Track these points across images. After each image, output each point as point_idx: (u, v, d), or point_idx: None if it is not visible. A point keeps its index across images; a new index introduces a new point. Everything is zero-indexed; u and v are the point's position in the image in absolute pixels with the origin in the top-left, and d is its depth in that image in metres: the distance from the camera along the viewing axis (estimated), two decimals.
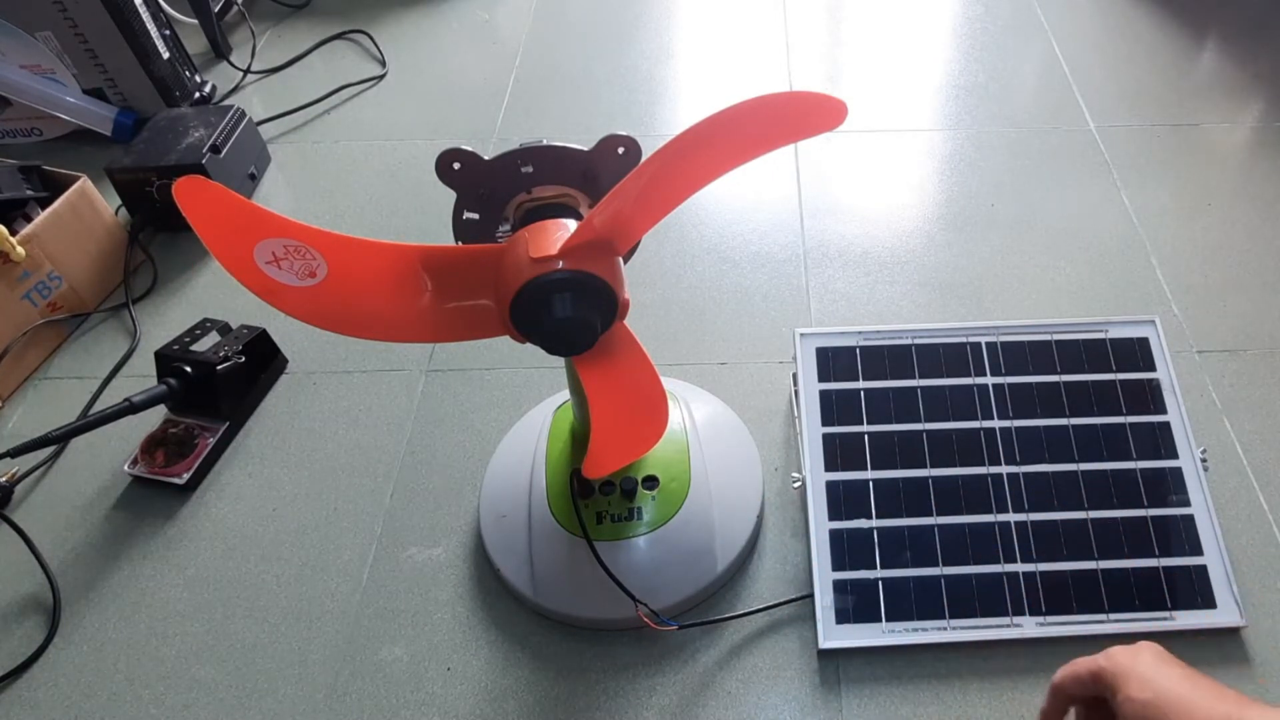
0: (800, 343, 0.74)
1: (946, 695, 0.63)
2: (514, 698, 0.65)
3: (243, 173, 1.05)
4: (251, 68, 1.25)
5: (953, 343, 0.73)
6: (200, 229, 0.47)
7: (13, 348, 0.86)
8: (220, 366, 0.79)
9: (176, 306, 0.95)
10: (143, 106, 1.14)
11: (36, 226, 0.87)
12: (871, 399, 0.71)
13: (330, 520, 0.76)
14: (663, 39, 1.28)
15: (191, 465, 0.78)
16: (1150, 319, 0.74)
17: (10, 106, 1.11)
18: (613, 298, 0.51)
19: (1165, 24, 1.24)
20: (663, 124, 1.14)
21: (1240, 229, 0.95)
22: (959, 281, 0.92)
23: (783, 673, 0.65)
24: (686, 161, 0.47)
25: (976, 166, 1.05)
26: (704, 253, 0.97)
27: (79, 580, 0.73)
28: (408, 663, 0.67)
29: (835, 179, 1.04)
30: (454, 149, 0.54)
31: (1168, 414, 0.70)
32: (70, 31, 1.07)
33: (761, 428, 0.79)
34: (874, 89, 1.17)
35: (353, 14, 1.35)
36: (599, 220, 0.49)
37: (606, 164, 0.56)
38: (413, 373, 0.87)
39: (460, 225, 0.58)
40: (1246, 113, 1.09)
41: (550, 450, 0.73)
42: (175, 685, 0.66)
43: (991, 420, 0.70)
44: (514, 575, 0.68)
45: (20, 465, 0.79)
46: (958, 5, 1.31)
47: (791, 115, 0.48)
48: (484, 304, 0.54)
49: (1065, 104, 1.12)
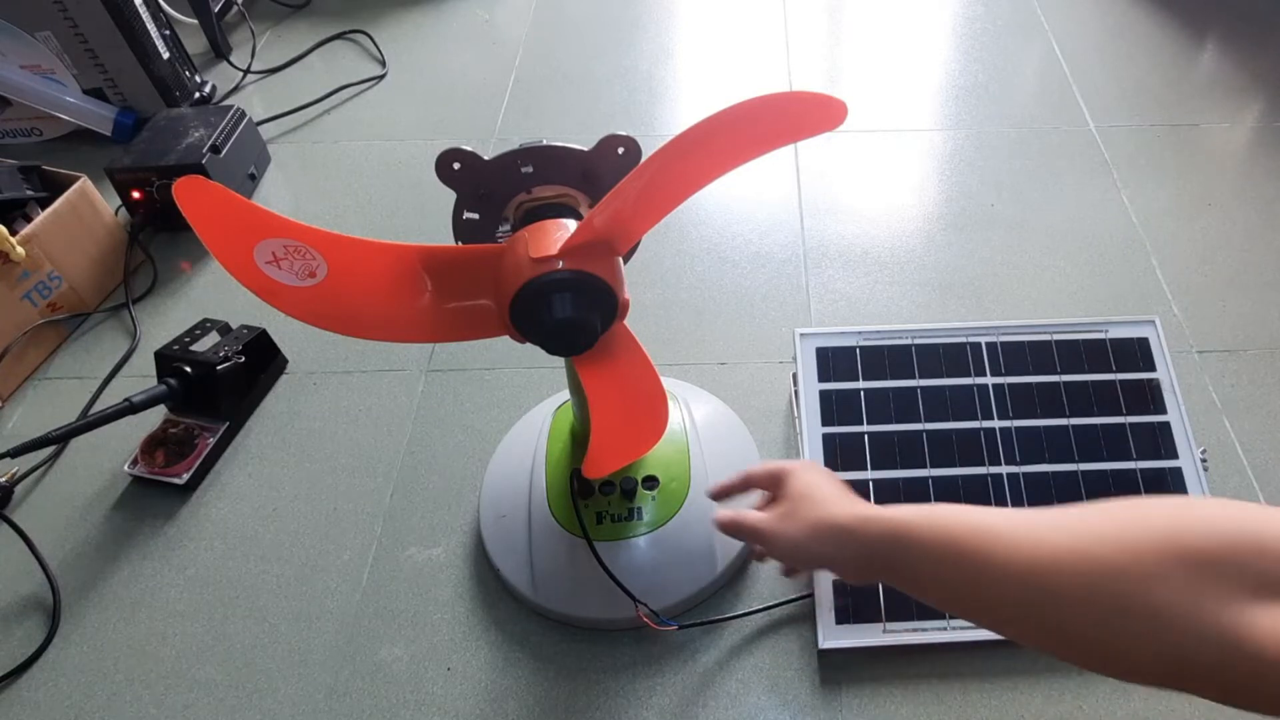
0: (800, 343, 0.74)
1: (946, 695, 0.63)
2: (514, 698, 0.65)
3: (243, 173, 1.05)
4: (251, 68, 1.25)
5: (953, 343, 0.73)
6: (200, 229, 0.47)
7: (13, 348, 0.86)
8: (220, 366, 0.79)
9: (176, 306, 0.95)
10: (143, 106, 1.14)
11: (36, 226, 0.87)
12: (871, 399, 0.71)
13: (330, 520, 0.76)
14: (663, 39, 1.28)
15: (191, 465, 0.78)
16: (1150, 319, 0.74)
17: (10, 106, 1.11)
18: (613, 298, 0.51)
19: (1165, 24, 1.24)
20: (663, 124, 1.14)
21: (1240, 229, 0.95)
22: (959, 281, 0.92)
23: (783, 673, 0.65)
24: (686, 161, 0.47)
25: (976, 166, 1.05)
26: (704, 253, 0.97)
27: (79, 580, 0.73)
28: (408, 663, 0.67)
29: (835, 179, 1.04)
30: (454, 149, 0.54)
31: (1168, 414, 0.70)
32: (70, 31, 1.07)
33: (761, 428, 0.79)
34: (874, 89, 1.17)
35: (353, 14, 1.35)
36: (599, 220, 0.49)
37: (606, 164, 0.56)
38: (413, 373, 0.87)
39: (460, 225, 0.58)
40: (1246, 113, 1.09)
41: (550, 450, 0.73)
42: (175, 685, 0.66)
43: (991, 420, 0.70)
44: (514, 575, 0.68)
45: (20, 465, 0.79)
46: (958, 5, 1.31)
47: (791, 115, 0.48)
48: (484, 304, 0.54)
49: (1065, 104, 1.12)
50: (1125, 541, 0.36)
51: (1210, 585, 0.33)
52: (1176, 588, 0.33)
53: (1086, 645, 0.37)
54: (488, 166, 0.55)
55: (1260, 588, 0.32)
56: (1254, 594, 0.32)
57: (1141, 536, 0.35)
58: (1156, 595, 0.34)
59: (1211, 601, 0.32)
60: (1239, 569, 0.33)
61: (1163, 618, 0.34)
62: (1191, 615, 0.33)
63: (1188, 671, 0.34)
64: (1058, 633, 0.38)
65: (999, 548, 0.39)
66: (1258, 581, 0.32)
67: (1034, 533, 0.39)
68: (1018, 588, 0.38)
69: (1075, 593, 0.36)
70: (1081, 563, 0.36)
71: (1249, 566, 0.32)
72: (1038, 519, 0.39)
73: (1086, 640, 0.37)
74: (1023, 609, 0.39)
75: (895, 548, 0.45)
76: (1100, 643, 0.36)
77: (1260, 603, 0.32)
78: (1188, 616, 0.33)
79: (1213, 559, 0.33)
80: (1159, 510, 0.36)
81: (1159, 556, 0.34)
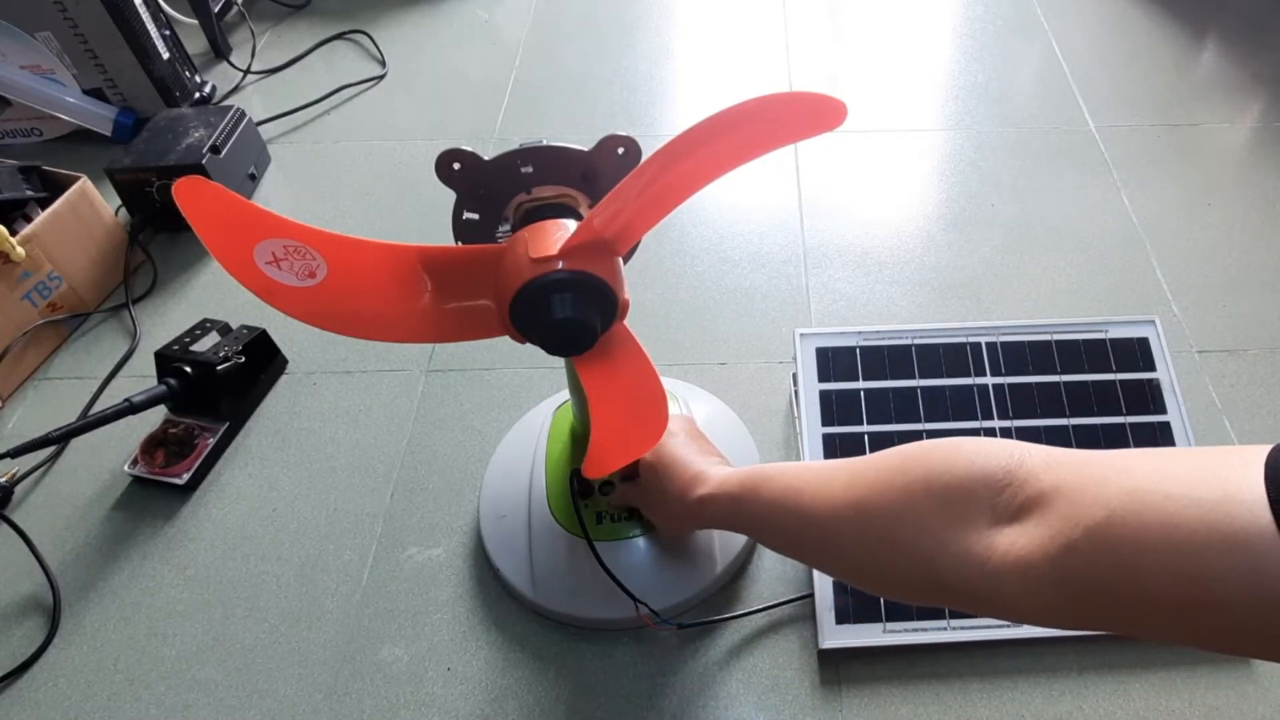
0: (800, 343, 0.74)
1: (946, 695, 0.63)
2: (514, 698, 0.65)
3: (243, 173, 1.05)
4: (251, 68, 1.25)
5: (953, 343, 0.73)
6: (200, 229, 0.47)
7: (13, 348, 0.86)
8: (220, 366, 0.79)
9: (176, 306, 0.95)
10: (143, 106, 1.15)
11: (36, 226, 0.87)
12: (871, 399, 0.71)
13: (330, 520, 0.76)
14: (663, 39, 1.28)
15: (191, 465, 0.78)
16: (1150, 319, 0.74)
17: (10, 106, 1.11)
18: (613, 298, 0.51)
19: (1165, 24, 1.24)
20: (663, 124, 1.14)
21: (1240, 229, 0.95)
22: (959, 281, 0.92)
23: (783, 673, 0.65)
24: (686, 162, 0.47)
25: (976, 166, 1.05)
26: (704, 253, 0.97)
27: (79, 580, 0.73)
28: (408, 663, 0.67)
29: (835, 179, 1.04)
30: (454, 149, 0.54)
31: (1168, 414, 0.70)
32: (70, 31, 1.07)
33: (761, 428, 0.79)
34: (874, 89, 1.17)
35: (353, 14, 1.35)
36: (599, 220, 0.49)
37: (606, 164, 0.56)
38: (413, 373, 0.87)
39: (460, 225, 0.58)
40: (1246, 113, 1.09)
41: (550, 450, 0.73)
42: (175, 685, 0.66)
43: (992, 420, 0.70)
44: (514, 575, 0.68)
45: (20, 465, 0.79)
46: (958, 5, 1.31)
47: (791, 115, 0.48)
48: (484, 304, 0.54)
49: (1065, 104, 1.12)
50: (887, 487, 0.42)
51: (954, 519, 0.38)
52: (925, 524, 0.40)
53: (867, 574, 0.45)
54: (488, 166, 0.55)
55: (995, 518, 0.37)
56: (991, 523, 0.37)
57: (900, 482, 0.42)
58: (907, 530, 0.40)
59: (954, 532, 0.38)
60: (977, 502, 0.38)
61: (914, 549, 0.40)
62: (938, 545, 0.39)
63: (946, 591, 0.39)
64: (847, 566, 0.46)
65: (804, 500, 0.48)
66: (992, 513, 0.37)
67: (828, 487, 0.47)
68: (816, 531, 0.47)
69: (851, 533, 0.44)
70: (854, 509, 0.44)
71: (984, 500, 0.38)
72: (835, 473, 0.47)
73: (865, 570, 0.45)
74: (822, 547, 0.48)
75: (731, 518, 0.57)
76: (875, 572, 0.44)
77: (995, 529, 0.37)
78: (936, 546, 0.39)
79: (955, 496, 0.39)
80: (924, 457, 0.42)
81: (910, 498, 0.41)
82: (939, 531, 0.39)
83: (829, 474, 0.47)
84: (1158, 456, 0.34)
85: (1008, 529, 0.37)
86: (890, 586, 0.44)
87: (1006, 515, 0.37)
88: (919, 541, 0.40)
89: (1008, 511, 0.37)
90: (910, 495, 0.41)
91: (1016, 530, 0.36)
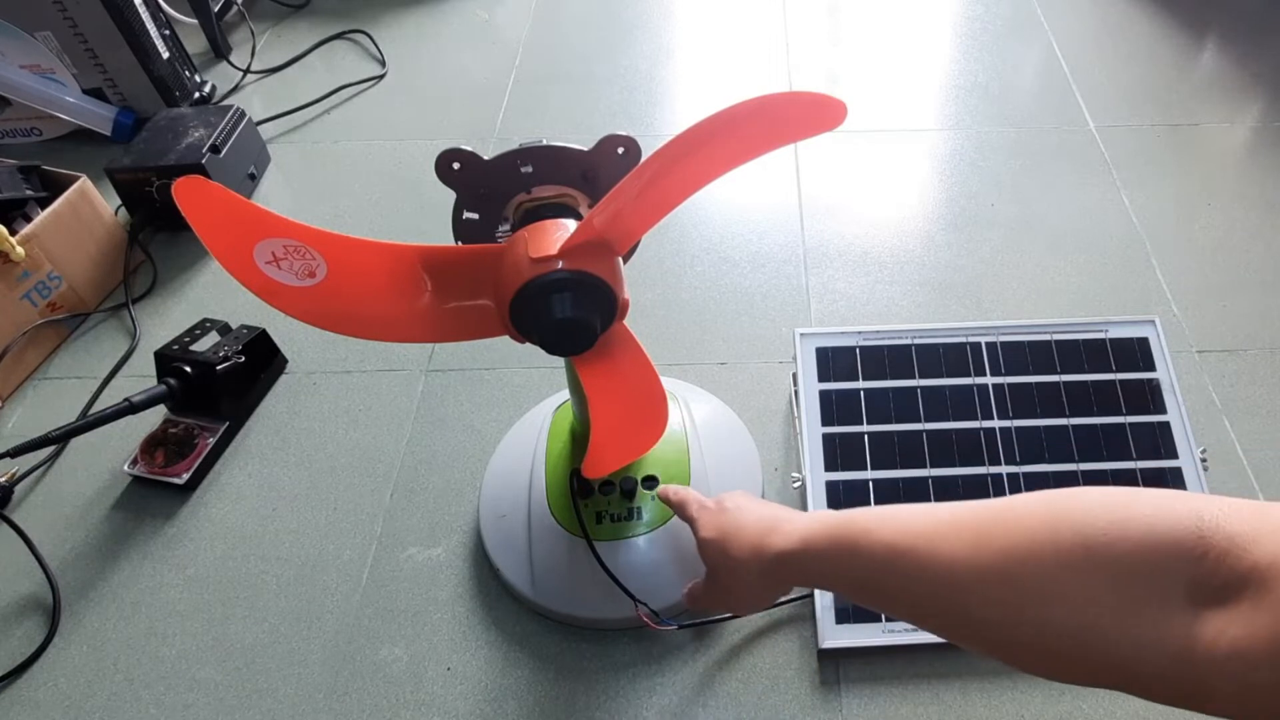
0: (800, 343, 0.74)
1: (946, 695, 0.63)
2: (514, 698, 0.65)
3: (242, 173, 1.05)
4: (251, 68, 1.25)
5: (953, 343, 0.73)
6: (200, 229, 0.47)
7: (13, 348, 0.86)
8: (220, 366, 0.79)
9: (176, 306, 0.95)
10: (143, 106, 1.14)
11: (36, 226, 0.87)
12: (871, 399, 0.71)
13: (330, 520, 0.76)
14: (662, 39, 1.28)
15: (191, 465, 0.78)
16: (1150, 319, 0.74)
17: (10, 106, 1.11)
18: (612, 298, 0.51)
19: (1165, 24, 1.24)
20: (663, 124, 1.14)
21: (1240, 229, 0.95)
22: (959, 281, 0.92)
23: (783, 673, 0.65)
24: (686, 161, 0.47)
25: (976, 166, 1.05)
26: (704, 253, 0.97)
27: (79, 580, 0.73)
28: (408, 663, 0.67)
29: (835, 179, 1.04)
30: (454, 149, 0.54)
31: (1168, 414, 0.70)
32: (70, 31, 1.07)
33: (761, 428, 0.79)
34: (874, 89, 1.17)
35: (353, 14, 1.35)
36: (599, 220, 0.49)
37: (606, 164, 0.56)
38: (413, 373, 0.87)
39: (460, 225, 0.58)
40: (1246, 113, 1.09)
41: (550, 450, 0.73)
42: (175, 685, 0.66)
43: (991, 420, 0.70)
44: (514, 575, 0.68)
45: (20, 465, 0.79)
46: (958, 5, 1.31)
47: (791, 115, 0.48)
48: (484, 304, 0.54)
49: (1065, 104, 1.12)
50: (1035, 556, 0.35)
51: (1139, 599, 0.32)
52: (1100, 605, 0.33)
53: (1023, 658, 0.37)
54: (488, 166, 0.55)
55: (1192, 596, 0.31)
56: (1187, 602, 0.31)
57: (1051, 551, 0.35)
58: (1074, 612, 0.33)
59: (1141, 614, 0.32)
60: (1168, 578, 0.32)
61: (1085, 633, 0.33)
62: (1120, 630, 0.32)
63: (1136, 682, 0.33)
64: (995, 645, 0.37)
65: (923, 562, 0.40)
66: (1188, 591, 0.31)
67: (950, 546, 0.38)
68: (943, 604, 0.39)
69: (997, 612, 0.36)
70: (997, 579, 0.36)
71: (1178, 575, 0.31)
72: (956, 529, 0.39)
73: (1019, 654, 0.37)
74: (954, 621, 0.39)
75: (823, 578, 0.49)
76: (1034, 658, 0.36)
77: (1194, 609, 0.31)
78: (1117, 631, 0.32)
79: (1138, 569, 0.32)
80: (1077, 516, 0.35)
81: (1073, 571, 0.34)
82: (1123, 614, 0.32)
83: (948, 528, 0.39)
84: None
85: (1212, 613, 0.30)
86: (1057, 671, 0.36)
87: (1207, 594, 0.31)
88: (1095, 626, 0.33)
89: (1208, 589, 0.31)
90: (1072, 567, 0.34)
91: (1226, 616, 0.30)
